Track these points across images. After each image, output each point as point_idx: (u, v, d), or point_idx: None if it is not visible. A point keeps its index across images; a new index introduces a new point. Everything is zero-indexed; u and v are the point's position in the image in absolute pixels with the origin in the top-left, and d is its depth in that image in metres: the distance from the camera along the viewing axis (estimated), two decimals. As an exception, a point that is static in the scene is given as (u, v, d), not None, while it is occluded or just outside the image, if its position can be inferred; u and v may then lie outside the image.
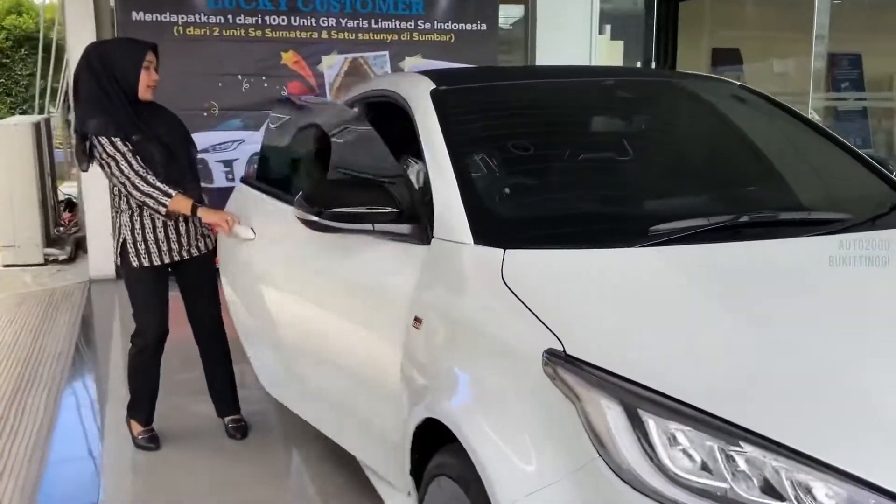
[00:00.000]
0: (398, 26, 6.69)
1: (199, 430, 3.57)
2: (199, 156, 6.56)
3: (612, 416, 1.48)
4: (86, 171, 3.34)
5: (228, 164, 6.51)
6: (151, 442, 3.42)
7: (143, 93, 3.19)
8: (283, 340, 3.00)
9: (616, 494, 1.44)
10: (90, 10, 6.27)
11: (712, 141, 2.65)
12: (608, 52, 8.63)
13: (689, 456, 1.42)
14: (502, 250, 1.94)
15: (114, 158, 3.06)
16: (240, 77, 6.39)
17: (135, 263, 3.22)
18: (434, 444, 2.03)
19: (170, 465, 3.33)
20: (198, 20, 6.26)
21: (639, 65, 9.08)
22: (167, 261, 3.25)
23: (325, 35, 6.57)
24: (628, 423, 1.46)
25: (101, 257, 6.54)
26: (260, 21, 6.40)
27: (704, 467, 1.41)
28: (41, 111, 10.57)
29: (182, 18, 6.24)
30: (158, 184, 3.06)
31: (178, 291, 3.41)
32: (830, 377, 1.52)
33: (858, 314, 1.76)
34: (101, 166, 3.12)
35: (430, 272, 2.14)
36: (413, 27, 6.73)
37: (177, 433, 3.53)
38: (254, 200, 3.32)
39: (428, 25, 6.76)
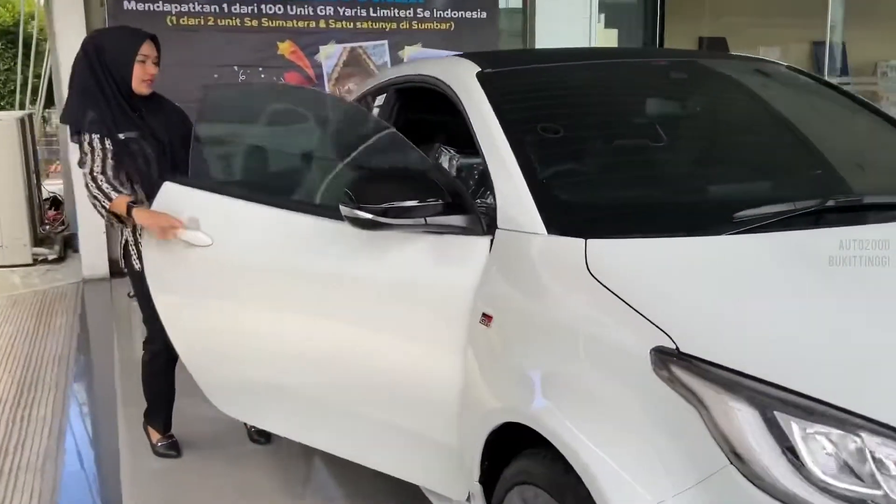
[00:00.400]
0: (397, 14, 6.53)
1: (220, 435, 3.38)
2: (194, 150, 6.41)
3: (744, 420, 1.35)
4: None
5: (225, 157, 6.30)
6: (171, 449, 3.25)
7: (138, 87, 2.99)
8: (272, 359, 2.62)
9: (757, 505, 1.31)
10: (79, 0, 6.05)
11: (774, 123, 2.53)
12: (604, 42, 8.51)
13: (836, 460, 1.29)
14: (583, 241, 1.80)
15: (88, 155, 2.92)
16: (236, 68, 6.19)
17: (137, 266, 3.05)
18: (506, 450, 1.91)
19: (191, 472, 3.17)
20: (192, 10, 6.07)
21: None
22: None
23: (322, 24, 6.40)
24: (764, 426, 1.34)
25: (94, 256, 6.34)
26: (256, 10, 6.22)
27: (852, 472, 1.29)
28: (21, 107, 10.29)
29: (176, 8, 6.04)
30: (106, 187, 2.88)
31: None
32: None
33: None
34: (80, 159, 2.97)
35: (496, 265, 1.99)
36: (412, 15, 6.57)
37: (197, 439, 3.35)
38: (198, 202, 2.75)
39: (427, 13, 6.61)
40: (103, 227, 6.35)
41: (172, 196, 2.77)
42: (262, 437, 3.32)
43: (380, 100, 3.09)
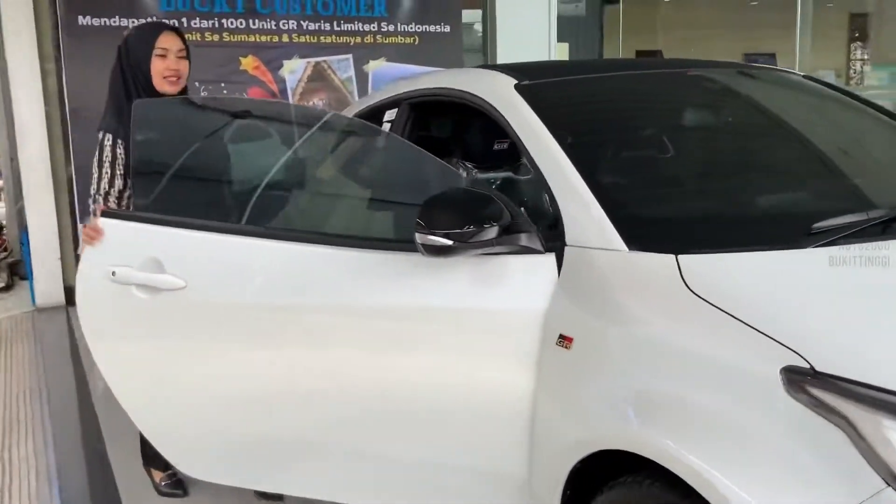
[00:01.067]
0: (361, 28, 6.43)
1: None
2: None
3: (902, 439, 1.30)
4: None
5: (187, 177, 6.08)
6: (177, 487, 3.05)
7: (160, 84, 2.73)
8: (283, 407, 2.32)
9: (922, 530, 1.26)
10: (29, 15, 5.75)
11: (819, 133, 2.52)
12: (560, 55, 8.58)
13: None
14: (673, 256, 1.74)
15: (97, 165, 2.70)
16: (197, 84, 5.95)
17: None
18: (589, 477, 1.83)
19: (200, 512, 2.99)
20: (150, 24, 5.82)
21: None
22: None
23: (285, 38, 6.25)
24: (924, 445, 1.29)
25: (47, 283, 6.05)
26: (216, 24, 6.03)
27: None
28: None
29: (132, 23, 5.75)
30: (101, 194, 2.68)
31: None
32: None
33: None
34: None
35: (570, 283, 1.91)
36: (376, 29, 6.49)
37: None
38: (157, 239, 2.37)
39: (392, 27, 6.53)
40: (58, 253, 6.07)
41: (117, 234, 2.40)
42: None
43: (390, 114, 2.98)
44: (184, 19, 5.92)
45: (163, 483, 3.06)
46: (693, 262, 1.72)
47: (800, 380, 1.42)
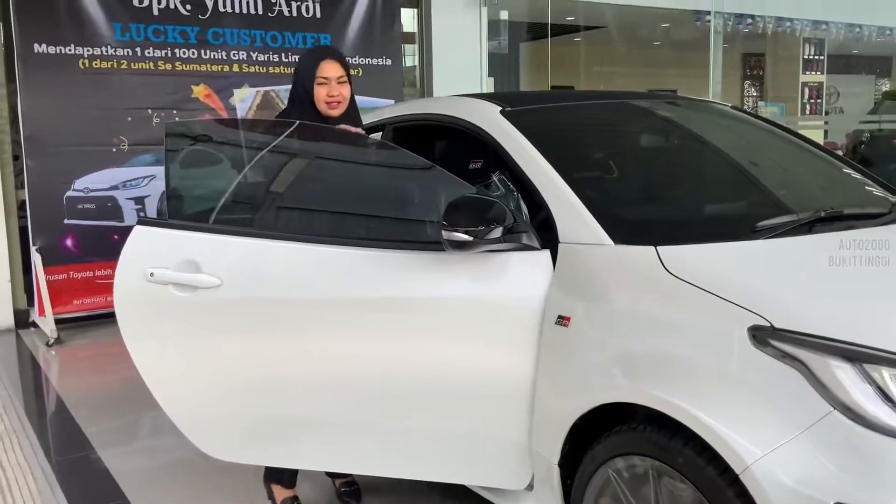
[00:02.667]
0: (308, 60, 6.74)
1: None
2: (107, 193, 6.34)
3: (842, 374, 1.73)
4: None
5: (140, 200, 6.28)
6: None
7: (324, 110, 2.87)
8: (313, 391, 2.60)
9: (860, 439, 1.68)
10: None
11: (753, 153, 3.03)
12: (489, 88, 9.09)
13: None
14: (653, 248, 2.16)
15: None
16: (150, 111, 6.19)
17: None
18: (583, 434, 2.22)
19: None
20: (105, 53, 6.03)
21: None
22: None
23: (235, 68, 6.53)
24: (859, 375, 1.72)
25: (-3, 307, 6.09)
26: (169, 54, 6.26)
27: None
28: None
29: (88, 51, 5.98)
30: None
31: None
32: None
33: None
34: None
35: (565, 274, 2.30)
36: (322, 61, 6.80)
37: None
38: (188, 241, 2.63)
39: (336, 60, 6.86)
40: (8, 276, 6.12)
41: (152, 240, 2.65)
42: (352, 499, 3.13)
43: (374, 136, 3.33)
44: (138, 49, 6.14)
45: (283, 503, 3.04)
46: (670, 252, 2.14)
47: (763, 335, 1.85)
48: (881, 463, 1.67)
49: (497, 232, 2.33)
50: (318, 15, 6.79)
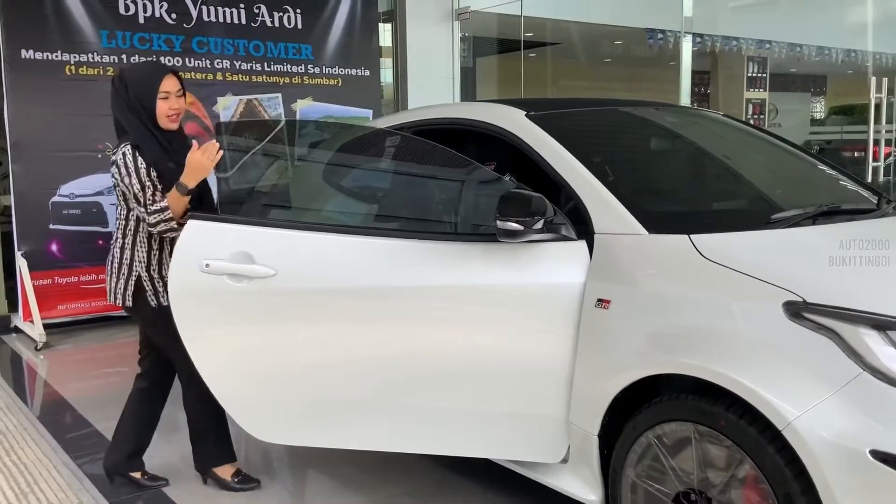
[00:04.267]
0: (289, 70, 6.91)
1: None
2: (92, 199, 6.38)
3: (870, 340, 1.99)
4: None
5: (124, 206, 6.29)
6: (249, 482, 3.28)
7: (165, 124, 2.99)
8: (363, 375, 2.78)
9: (888, 395, 1.93)
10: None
11: (754, 153, 3.32)
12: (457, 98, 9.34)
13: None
14: (686, 236, 2.40)
15: (140, 188, 2.90)
16: (135, 118, 6.23)
17: (153, 303, 3.03)
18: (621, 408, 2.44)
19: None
20: (91, 59, 6.09)
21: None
22: None
23: (219, 77, 6.64)
24: (884, 340, 1.98)
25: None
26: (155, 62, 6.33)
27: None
28: None
29: (74, 58, 6.03)
30: (155, 207, 2.89)
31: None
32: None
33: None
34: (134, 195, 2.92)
35: (602, 261, 2.52)
36: (303, 71, 6.98)
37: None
38: (242, 234, 2.84)
39: (317, 70, 7.04)
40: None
41: (205, 234, 2.83)
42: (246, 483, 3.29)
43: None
44: (124, 56, 6.20)
45: (235, 480, 3.26)
46: (703, 239, 2.39)
47: (796, 308, 2.09)
48: (906, 414, 1.93)
49: (539, 223, 2.54)
50: (300, 26, 6.94)
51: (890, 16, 12.17)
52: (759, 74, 14.13)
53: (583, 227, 2.62)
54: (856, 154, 8.61)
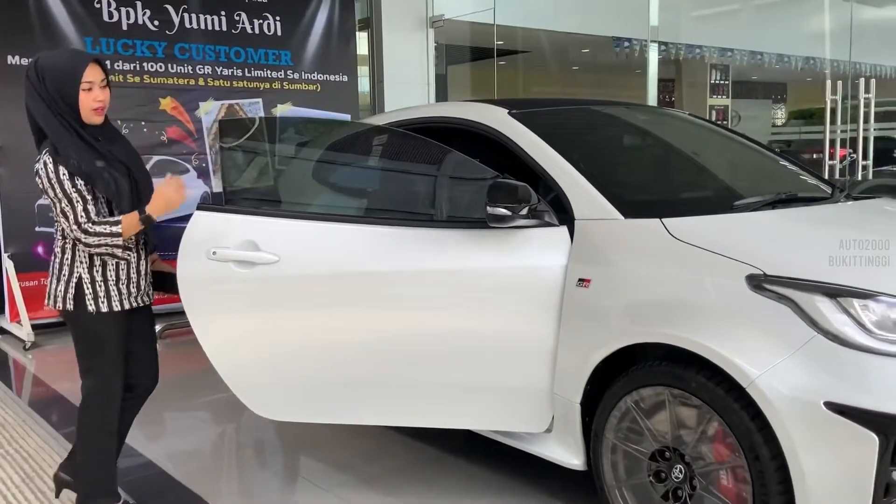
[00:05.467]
0: (270, 75, 7.09)
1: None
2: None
3: (824, 306, 2.23)
4: None
5: (109, 209, 6.42)
6: None
7: (89, 117, 2.67)
8: (365, 354, 2.96)
9: (839, 354, 2.17)
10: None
11: (718, 148, 3.59)
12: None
13: (881, 322, 2.21)
14: (658, 220, 2.64)
15: (68, 202, 2.63)
16: (119, 122, 6.36)
17: (91, 308, 2.74)
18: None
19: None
20: (76, 65, 6.20)
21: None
22: (127, 306, 2.80)
23: (201, 82, 6.79)
24: (836, 306, 2.22)
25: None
26: (138, 67, 6.49)
27: (888, 327, 2.20)
28: None
29: (61, 63, 6.14)
30: (102, 227, 2.65)
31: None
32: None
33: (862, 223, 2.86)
34: (60, 209, 2.66)
35: (583, 244, 2.75)
36: (283, 77, 7.16)
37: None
38: (246, 224, 3.01)
39: (296, 76, 7.23)
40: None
41: (211, 224, 2.99)
42: None
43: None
44: (108, 62, 6.32)
45: None
46: (673, 222, 2.63)
47: (758, 280, 2.34)
48: (854, 370, 2.17)
49: (524, 210, 2.77)
50: (279, 33, 7.13)
51: (846, 25, 12.64)
52: (722, 82, 14.54)
53: (563, 215, 2.85)
54: (814, 156, 9.00)
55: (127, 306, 2.80)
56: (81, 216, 2.64)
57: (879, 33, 12.30)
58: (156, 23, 6.56)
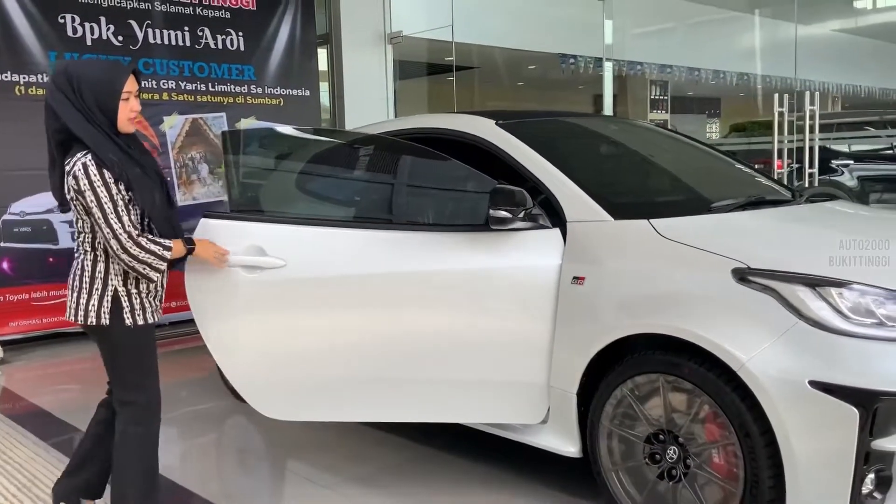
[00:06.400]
0: (233, 90, 7.17)
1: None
2: (42, 216, 6.48)
3: (804, 295, 2.46)
4: (64, 212, 2.89)
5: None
6: None
7: (125, 126, 2.70)
8: (374, 354, 3.08)
9: (819, 338, 2.40)
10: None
11: (690, 156, 3.86)
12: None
13: (855, 307, 2.45)
14: (646, 220, 2.86)
15: (111, 207, 2.58)
16: (84, 137, 6.37)
17: (128, 322, 2.68)
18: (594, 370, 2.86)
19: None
20: (40, 80, 6.21)
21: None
22: (153, 320, 2.76)
23: (165, 97, 6.83)
24: (816, 295, 2.46)
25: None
26: (103, 82, 6.49)
27: (861, 312, 2.44)
28: None
29: (24, 78, 6.15)
30: (147, 242, 2.62)
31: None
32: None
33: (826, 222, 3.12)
34: (80, 196, 2.61)
35: (576, 245, 2.94)
36: (246, 91, 7.25)
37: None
38: (252, 230, 3.15)
39: (259, 90, 7.32)
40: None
41: (217, 230, 3.10)
42: None
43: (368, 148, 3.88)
44: (72, 76, 6.33)
45: None
46: (660, 223, 2.85)
47: (742, 273, 2.56)
48: (834, 351, 2.40)
49: (520, 214, 2.95)
50: (242, 48, 7.21)
51: (775, 42, 13.23)
52: (661, 97, 15.06)
53: (555, 219, 3.05)
54: (756, 166, 9.45)
55: (154, 319, 2.77)
56: (129, 225, 2.59)
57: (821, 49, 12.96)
58: (120, 38, 6.58)
